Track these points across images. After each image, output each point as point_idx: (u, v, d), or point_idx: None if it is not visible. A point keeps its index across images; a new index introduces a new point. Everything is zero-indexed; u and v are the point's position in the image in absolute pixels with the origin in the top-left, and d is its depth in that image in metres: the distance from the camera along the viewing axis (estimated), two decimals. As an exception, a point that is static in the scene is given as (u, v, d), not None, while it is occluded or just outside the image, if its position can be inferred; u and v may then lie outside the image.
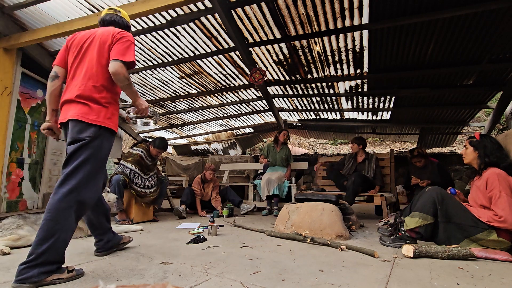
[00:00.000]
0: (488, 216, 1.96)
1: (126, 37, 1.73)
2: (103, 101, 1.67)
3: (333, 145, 13.20)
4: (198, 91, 5.90)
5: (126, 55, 1.67)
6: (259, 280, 1.46)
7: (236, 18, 3.71)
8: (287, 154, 4.68)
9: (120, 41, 1.70)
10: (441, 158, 6.40)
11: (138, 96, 1.81)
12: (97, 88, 1.66)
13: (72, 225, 1.53)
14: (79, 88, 1.64)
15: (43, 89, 4.88)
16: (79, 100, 1.63)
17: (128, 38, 1.74)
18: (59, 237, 1.45)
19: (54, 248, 1.43)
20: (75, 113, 1.61)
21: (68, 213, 1.49)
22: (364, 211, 4.93)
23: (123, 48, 1.68)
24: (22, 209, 4.42)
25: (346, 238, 2.51)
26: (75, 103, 1.63)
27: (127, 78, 1.65)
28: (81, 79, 1.67)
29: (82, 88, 1.64)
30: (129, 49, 1.70)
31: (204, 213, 4.14)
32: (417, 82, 4.92)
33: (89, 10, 3.62)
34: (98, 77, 1.68)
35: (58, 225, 1.45)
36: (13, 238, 2.07)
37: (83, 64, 1.71)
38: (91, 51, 1.72)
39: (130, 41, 1.73)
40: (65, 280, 1.44)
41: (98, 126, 1.63)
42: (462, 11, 3.16)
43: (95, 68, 1.68)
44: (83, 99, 1.63)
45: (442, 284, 1.44)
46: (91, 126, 1.61)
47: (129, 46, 1.71)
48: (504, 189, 1.94)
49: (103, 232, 1.96)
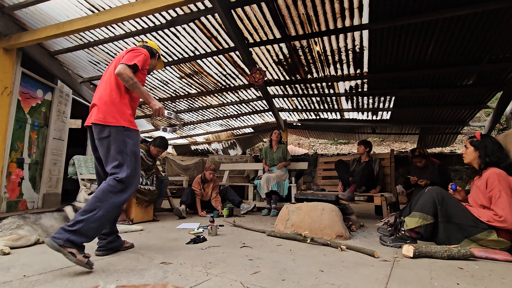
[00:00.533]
0: (488, 216, 1.96)
1: (137, 49, 1.97)
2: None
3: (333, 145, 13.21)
4: (198, 91, 5.89)
5: (131, 60, 1.86)
6: (259, 280, 1.46)
7: (236, 18, 3.71)
8: (284, 152, 4.70)
9: (131, 52, 1.94)
10: (441, 158, 6.40)
11: (150, 98, 1.97)
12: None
13: (110, 208, 1.70)
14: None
15: (43, 89, 4.89)
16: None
17: (139, 50, 1.96)
18: (96, 214, 1.61)
19: (89, 221, 1.59)
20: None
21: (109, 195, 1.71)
22: (364, 211, 4.93)
23: (131, 56, 1.89)
24: (22, 209, 4.42)
25: (346, 238, 2.51)
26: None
27: (130, 77, 1.81)
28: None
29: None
30: (136, 56, 1.90)
31: (204, 213, 4.14)
32: (417, 82, 4.92)
33: (89, 10, 3.61)
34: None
35: (99, 203, 1.65)
36: (13, 238, 2.07)
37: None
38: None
39: (140, 52, 1.95)
40: (75, 260, 1.51)
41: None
42: (462, 11, 3.16)
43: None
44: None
45: (442, 284, 1.44)
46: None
47: (137, 55, 1.91)
48: (504, 189, 1.94)
49: (109, 233, 1.99)
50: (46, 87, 4.93)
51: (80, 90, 5.34)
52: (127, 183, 1.80)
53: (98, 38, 4.16)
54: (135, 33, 3.99)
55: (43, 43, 4.29)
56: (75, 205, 2.57)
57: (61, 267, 1.66)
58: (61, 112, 5.28)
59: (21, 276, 1.48)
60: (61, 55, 4.63)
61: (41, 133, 4.84)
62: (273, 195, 4.37)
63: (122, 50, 4.44)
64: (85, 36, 4.12)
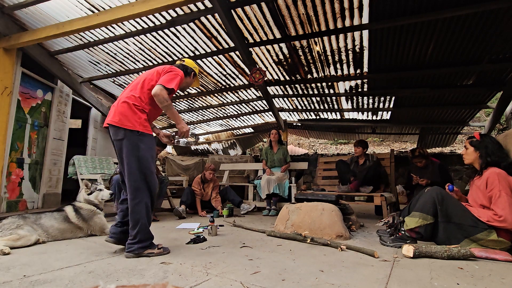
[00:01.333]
0: (488, 215, 1.96)
1: (175, 71, 2.06)
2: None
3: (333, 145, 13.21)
4: (198, 91, 5.90)
5: (169, 83, 1.96)
6: (259, 280, 1.46)
7: (236, 18, 3.71)
8: (284, 154, 4.68)
9: (170, 73, 2.03)
10: (441, 158, 6.40)
11: (180, 120, 2.09)
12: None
13: (145, 212, 1.93)
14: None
15: (43, 89, 4.89)
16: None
17: (177, 73, 2.06)
18: (142, 223, 1.90)
19: (141, 230, 1.90)
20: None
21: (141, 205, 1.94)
22: (364, 211, 4.93)
23: (169, 78, 1.98)
24: (22, 209, 4.42)
25: (346, 238, 2.51)
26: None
27: (166, 99, 1.93)
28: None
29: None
30: (174, 79, 2.00)
31: (204, 213, 4.14)
32: (417, 82, 4.92)
33: (89, 10, 3.61)
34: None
35: (137, 215, 1.90)
36: (13, 238, 2.07)
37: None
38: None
39: (178, 75, 2.05)
40: (156, 254, 1.90)
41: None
42: (462, 11, 3.16)
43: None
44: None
45: (442, 284, 1.44)
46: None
47: (174, 78, 2.01)
48: (504, 188, 1.94)
49: (127, 222, 2.02)
50: (46, 87, 4.93)
51: (80, 90, 5.34)
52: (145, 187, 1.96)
53: (98, 38, 4.16)
54: (135, 33, 3.99)
55: (43, 43, 4.29)
56: (75, 205, 2.57)
57: (61, 267, 1.66)
58: (61, 112, 5.28)
59: (21, 276, 1.48)
60: (61, 55, 4.63)
61: (41, 133, 4.84)
62: (274, 197, 4.37)
63: (122, 50, 4.44)
64: (85, 36, 4.12)
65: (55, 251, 2.03)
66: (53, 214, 2.44)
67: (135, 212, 1.90)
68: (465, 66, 4.21)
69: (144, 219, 1.92)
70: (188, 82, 2.31)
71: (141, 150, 1.93)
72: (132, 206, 1.91)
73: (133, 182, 1.91)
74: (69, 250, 2.06)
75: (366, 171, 3.95)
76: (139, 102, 1.98)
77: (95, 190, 2.68)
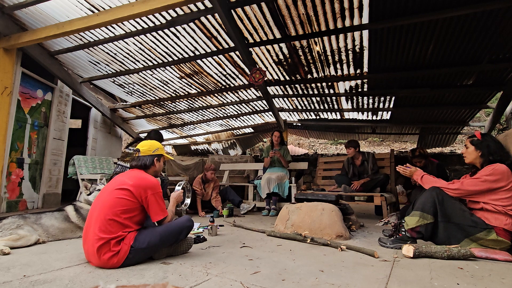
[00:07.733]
0: (445, 183, 2.16)
1: (157, 191, 1.89)
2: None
3: (333, 145, 13.21)
4: (198, 91, 5.89)
5: (162, 214, 1.87)
6: (259, 280, 1.46)
7: (236, 18, 3.71)
8: (285, 154, 4.67)
9: (156, 203, 1.86)
10: (441, 158, 6.40)
11: (172, 204, 2.09)
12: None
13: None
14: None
15: (43, 89, 4.89)
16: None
17: (159, 192, 1.91)
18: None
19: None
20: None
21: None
22: (364, 211, 4.93)
23: (159, 209, 1.86)
24: (22, 209, 4.42)
25: (346, 238, 2.51)
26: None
27: (172, 216, 1.99)
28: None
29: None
30: (162, 204, 1.90)
31: (204, 214, 4.14)
32: (417, 82, 4.92)
33: (89, 10, 3.61)
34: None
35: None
36: (13, 238, 2.07)
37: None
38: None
39: (160, 195, 1.91)
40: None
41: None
42: (462, 11, 3.16)
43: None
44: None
45: (442, 284, 1.44)
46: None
47: (161, 202, 1.89)
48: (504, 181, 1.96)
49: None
50: (46, 87, 4.93)
51: (80, 90, 5.34)
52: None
53: (98, 38, 4.16)
54: (135, 33, 3.99)
55: (43, 43, 4.29)
56: (76, 205, 2.58)
57: (61, 267, 1.66)
58: (61, 112, 5.28)
59: (21, 276, 1.48)
60: (61, 55, 4.63)
61: (41, 133, 4.84)
62: (273, 196, 4.37)
63: (122, 50, 4.44)
64: (85, 36, 4.12)
65: (55, 251, 2.03)
66: (54, 214, 2.45)
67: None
68: (465, 66, 4.21)
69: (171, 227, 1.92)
70: (158, 169, 2.06)
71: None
72: None
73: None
74: (69, 250, 2.07)
75: (375, 176, 3.96)
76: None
77: (94, 191, 2.68)
